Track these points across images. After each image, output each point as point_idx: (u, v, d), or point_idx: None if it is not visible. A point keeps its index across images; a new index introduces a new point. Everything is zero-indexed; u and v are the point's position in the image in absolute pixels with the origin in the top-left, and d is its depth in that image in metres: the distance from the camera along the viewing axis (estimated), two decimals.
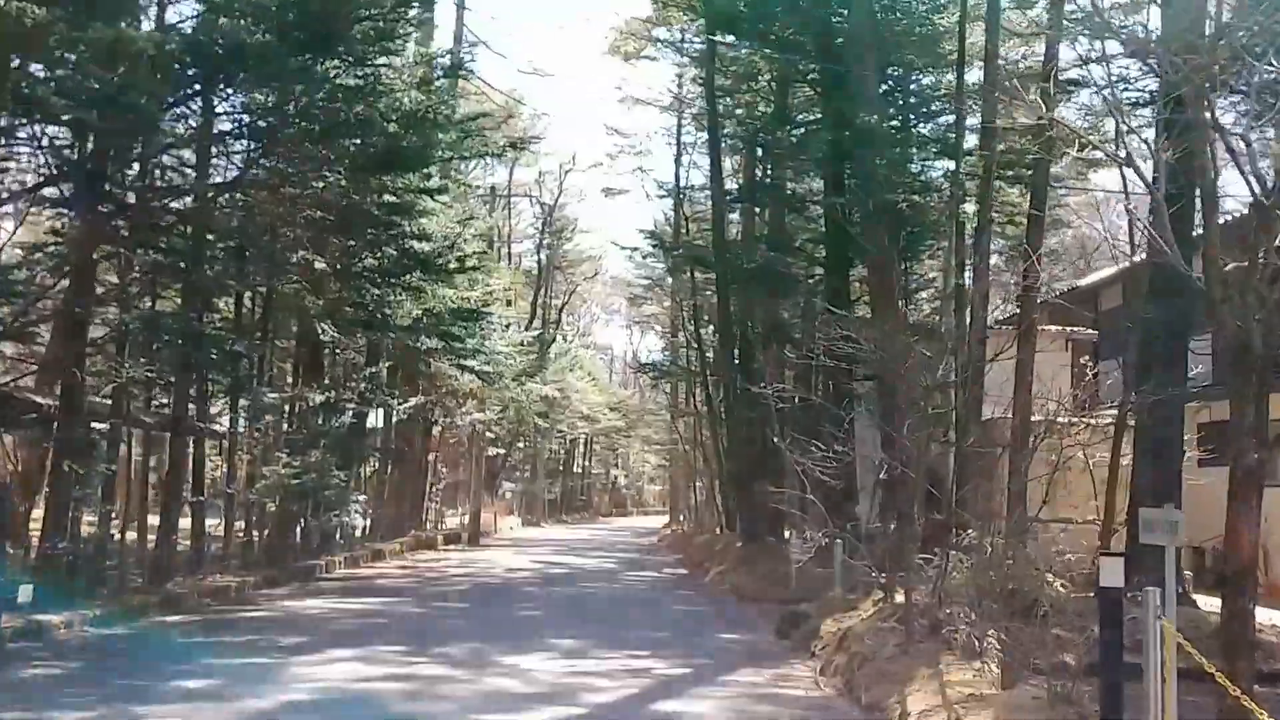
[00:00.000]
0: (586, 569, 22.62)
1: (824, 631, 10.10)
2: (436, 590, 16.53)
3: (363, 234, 13.82)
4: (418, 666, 9.12)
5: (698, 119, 31.37)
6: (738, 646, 11.13)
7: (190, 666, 8.88)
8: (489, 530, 36.52)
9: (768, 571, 17.28)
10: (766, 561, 18.78)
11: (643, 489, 79.63)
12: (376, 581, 17.86)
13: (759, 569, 17.96)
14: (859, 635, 8.92)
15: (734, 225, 27.08)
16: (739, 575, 18.29)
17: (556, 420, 52.26)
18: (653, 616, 14.12)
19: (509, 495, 50.87)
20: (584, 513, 60.96)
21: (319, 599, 14.53)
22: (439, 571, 20.35)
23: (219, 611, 12.88)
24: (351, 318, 16.09)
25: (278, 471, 16.69)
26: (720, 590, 18.08)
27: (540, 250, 55.23)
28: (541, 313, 54.30)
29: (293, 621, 12.06)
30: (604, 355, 77.71)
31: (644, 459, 72.05)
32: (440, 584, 17.81)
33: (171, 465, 14.95)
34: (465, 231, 16.96)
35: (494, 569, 21.33)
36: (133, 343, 13.45)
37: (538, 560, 24.50)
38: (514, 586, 17.78)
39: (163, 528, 14.40)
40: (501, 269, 31.27)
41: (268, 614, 12.74)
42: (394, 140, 11.82)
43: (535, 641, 10.83)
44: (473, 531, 32.02)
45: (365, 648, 9.98)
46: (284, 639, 10.48)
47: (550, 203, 54.45)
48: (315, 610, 13.21)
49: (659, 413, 54.16)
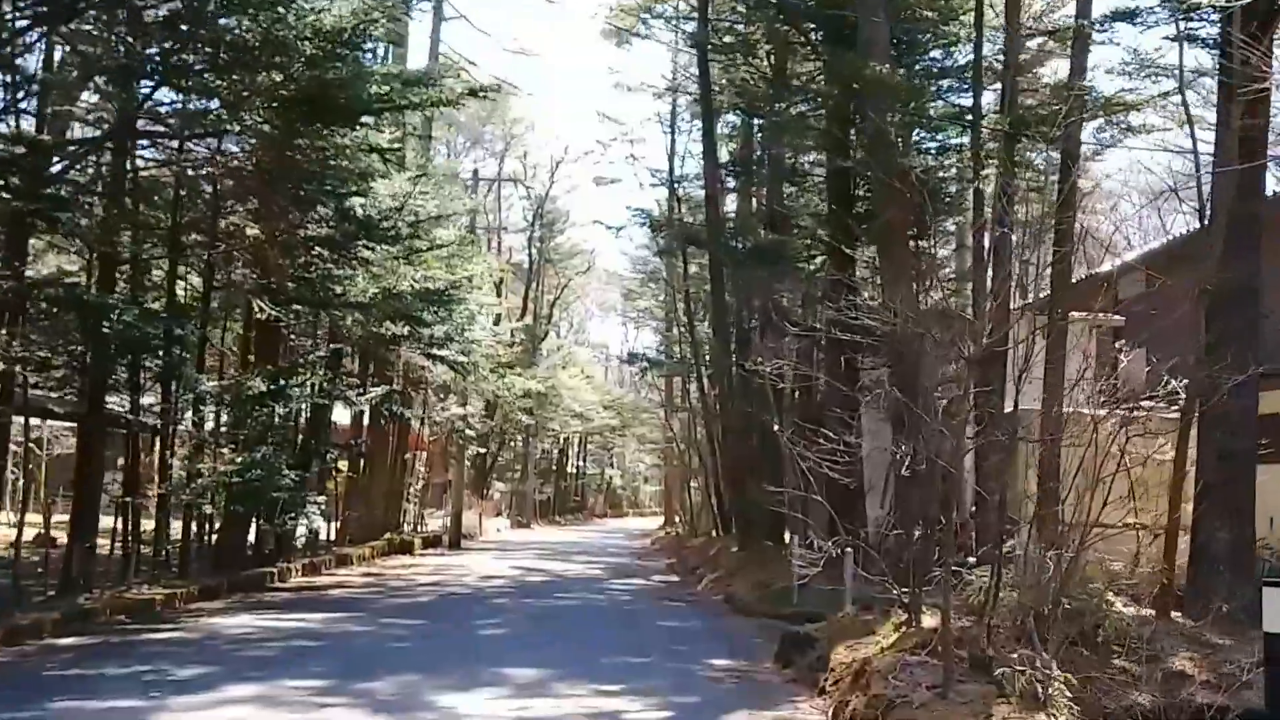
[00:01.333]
0: (569, 576, 20.79)
1: (835, 662, 8.26)
2: (393, 603, 14.68)
3: (294, 193, 11.94)
4: (325, 713, 7.27)
5: (692, 106, 29.75)
6: (731, 678, 9.29)
7: (30, 714, 7.03)
8: (473, 533, 34.68)
9: (766, 580, 15.47)
10: (764, 569, 16.96)
11: (638, 489, 77.95)
12: (330, 592, 16.02)
13: (756, 577, 16.14)
14: (881, 671, 7.09)
15: (731, 210, 25.31)
16: (734, 584, 16.48)
17: (547, 418, 50.51)
18: (634, 635, 12.28)
19: (497, 496, 49.10)
20: (577, 514, 59.13)
21: (255, 614, 12.69)
22: (405, 580, 18.50)
23: (128, 631, 11.03)
24: (293, 293, 14.19)
25: (216, 469, 14.84)
26: (713, 601, 16.25)
27: (531, 243, 53.57)
28: (533, 307, 52.63)
29: (207, 645, 10.23)
30: (599, 353, 76.16)
31: (639, 459, 70.39)
32: (401, 595, 15.97)
33: (83, 460, 13.10)
34: (418, 192, 14.96)
35: (467, 576, 19.49)
36: (32, 317, 11.56)
37: (518, 566, 22.65)
38: (483, 598, 15.93)
39: (72, 532, 12.59)
40: (483, 254, 29.40)
41: (183, 634, 10.90)
42: (317, 70, 9.95)
43: (486, 672, 9.00)
44: (454, 534, 30.19)
45: (272, 683, 8.14)
46: (180, 670, 8.64)
47: (541, 194, 52.86)
48: (242, 629, 11.37)
49: (654, 411, 52.35)
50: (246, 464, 15.35)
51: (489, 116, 55.86)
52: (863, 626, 9.15)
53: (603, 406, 55.77)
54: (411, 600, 15.17)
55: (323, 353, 17.38)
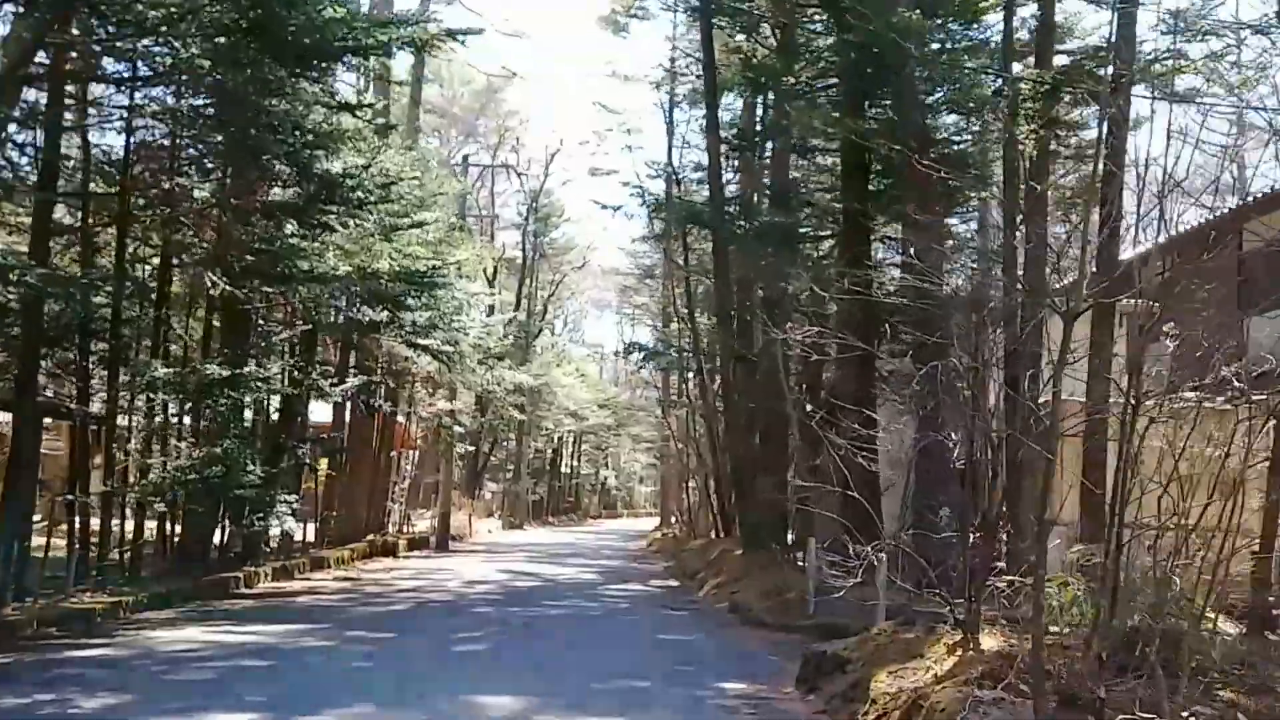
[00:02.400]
0: (561, 581, 19.35)
1: (877, 691, 6.83)
2: (364, 613, 13.23)
3: (250, 147, 10.46)
4: None
5: (691, 95, 28.35)
6: (747, 708, 7.84)
7: None
8: (463, 534, 33.23)
9: (776, 587, 14.05)
10: (773, 574, 15.56)
11: (633, 490, 76.53)
12: (297, 600, 14.56)
13: (764, 584, 14.72)
14: (944, 709, 5.66)
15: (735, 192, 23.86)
16: (740, 591, 15.04)
17: (540, 416, 49.12)
18: (632, 653, 10.82)
19: (489, 496, 47.65)
20: (571, 515, 57.65)
21: (206, 626, 11.24)
22: (382, 585, 17.05)
23: (51, 648, 9.59)
24: (251, 266, 12.71)
25: (169, 464, 13.42)
26: (718, 610, 14.83)
27: (525, 236, 52.18)
28: (527, 303, 51.22)
29: (135, 665, 8.77)
30: (595, 351, 74.75)
31: (634, 459, 68.96)
32: (375, 602, 14.52)
33: (15, 451, 11.64)
34: (387, 147, 13.47)
35: (450, 582, 18.04)
36: None
37: (507, 570, 21.21)
38: (464, 606, 14.48)
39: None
40: (473, 242, 27.97)
41: (113, 652, 9.44)
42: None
43: (452, 701, 7.56)
44: (441, 536, 28.73)
45: (188, 718, 6.69)
46: (87, 700, 7.20)
47: (536, 187, 51.47)
48: (183, 645, 9.90)
49: (650, 409, 50.91)
50: (206, 459, 13.96)
51: (482, 109, 54.59)
52: (904, 647, 7.71)
53: (598, 405, 54.47)
54: (385, 609, 13.72)
55: (287, 334, 15.79)
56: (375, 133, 13.19)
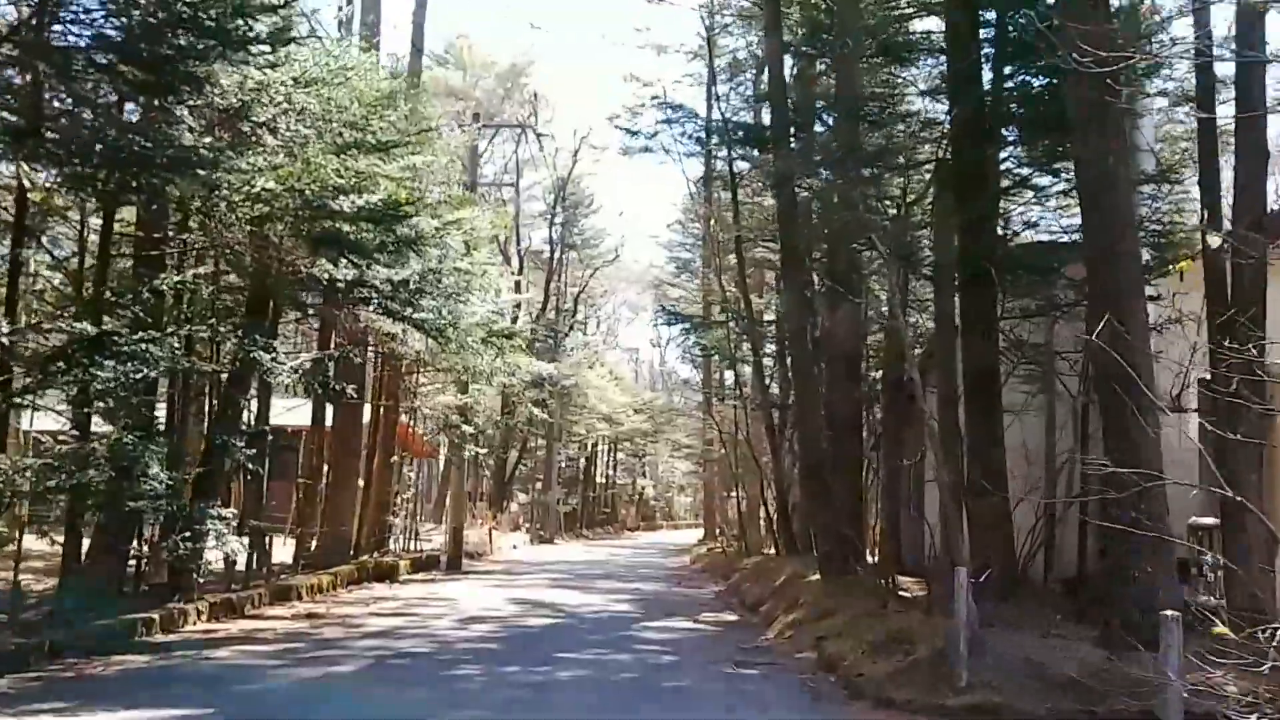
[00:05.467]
0: (585, 615, 15.09)
1: None
2: (292, 680, 9.05)
3: None
4: None
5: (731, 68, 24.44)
6: None
7: None
8: (482, 551, 29.15)
9: (892, 636, 9.64)
10: (873, 611, 11.28)
11: (673, 500, 72.30)
12: (216, 654, 10.39)
13: (869, 628, 10.32)
14: None
15: None
16: (834, 638, 10.60)
17: (571, 421, 45.16)
18: None
19: (516, 508, 43.64)
20: (607, 527, 53.45)
21: (17, 714, 7.15)
22: (349, 627, 12.87)
23: None
24: (72, 140, 8.35)
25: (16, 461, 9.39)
26: (804, 666, 10.40)
27: (552, 228, 48.39)
28: (556, 299, 47.34)
29: None
30: (629, 355, 70.64)
31: (673, 467, 64.73)
32: (321, 659, 10.29)
33: None
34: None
35: (441, 620, 13.86)
36: None
37: (520, 599, 17.00)
38: (444, 663, 10.24)
39: None
40: (481, 206, 23.90)
41: None
42: None
43: None
44: (453, 554, 24.62)
45: None
46: None
47: (563, 176, 47.58)
48: None
49: (689, 413, 46.70)
50: (75, 456, 9.93)
51: (506, 94, 50.82)
52: None
53: (633, 410, 50.38)
54: (326, 671, 9.51)
55: (200, 280, 11.54)
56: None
